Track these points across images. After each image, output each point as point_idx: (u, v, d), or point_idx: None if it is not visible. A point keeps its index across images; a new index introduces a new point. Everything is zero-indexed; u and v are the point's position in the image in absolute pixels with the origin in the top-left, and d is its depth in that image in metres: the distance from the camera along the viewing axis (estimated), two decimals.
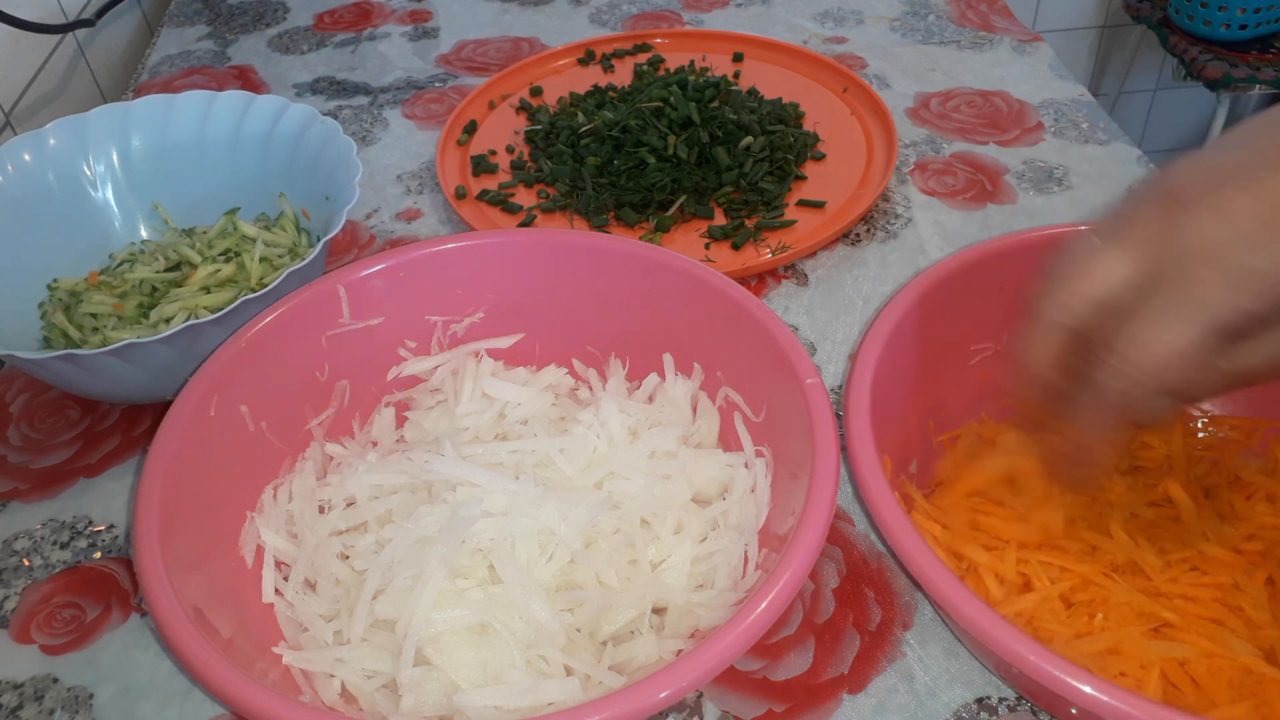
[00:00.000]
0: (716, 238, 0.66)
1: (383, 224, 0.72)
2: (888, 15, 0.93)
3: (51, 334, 0.58)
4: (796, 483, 0.43)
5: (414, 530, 0.44)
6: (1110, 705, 0.33)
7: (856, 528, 0.51)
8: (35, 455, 0.57)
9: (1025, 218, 0.68)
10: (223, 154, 0.65)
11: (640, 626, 0.44)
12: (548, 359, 0.56)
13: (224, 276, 0.60)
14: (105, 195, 0.64)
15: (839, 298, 0.63)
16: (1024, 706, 0.43)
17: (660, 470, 0.48)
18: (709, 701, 0.44)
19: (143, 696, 0.45)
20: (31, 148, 0.61)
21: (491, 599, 0.43)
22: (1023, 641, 0.35)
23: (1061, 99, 0.80)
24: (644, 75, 0.82)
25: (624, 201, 0.68)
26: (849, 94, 0.79)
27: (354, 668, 0.42)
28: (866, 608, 0.47)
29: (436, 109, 0.84)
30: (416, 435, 0.52)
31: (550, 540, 0.44)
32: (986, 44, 0.88)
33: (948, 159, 0.74)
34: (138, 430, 0.58)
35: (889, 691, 0.44)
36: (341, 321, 0.52)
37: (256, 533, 0.46)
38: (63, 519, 0.53)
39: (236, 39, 0.95)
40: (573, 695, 0.40)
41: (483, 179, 0.74)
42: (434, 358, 0.54)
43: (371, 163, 0.78)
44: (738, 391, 0.50)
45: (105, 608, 0.49)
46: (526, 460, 0.48)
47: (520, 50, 0.91)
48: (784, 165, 0.71)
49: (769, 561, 0.43)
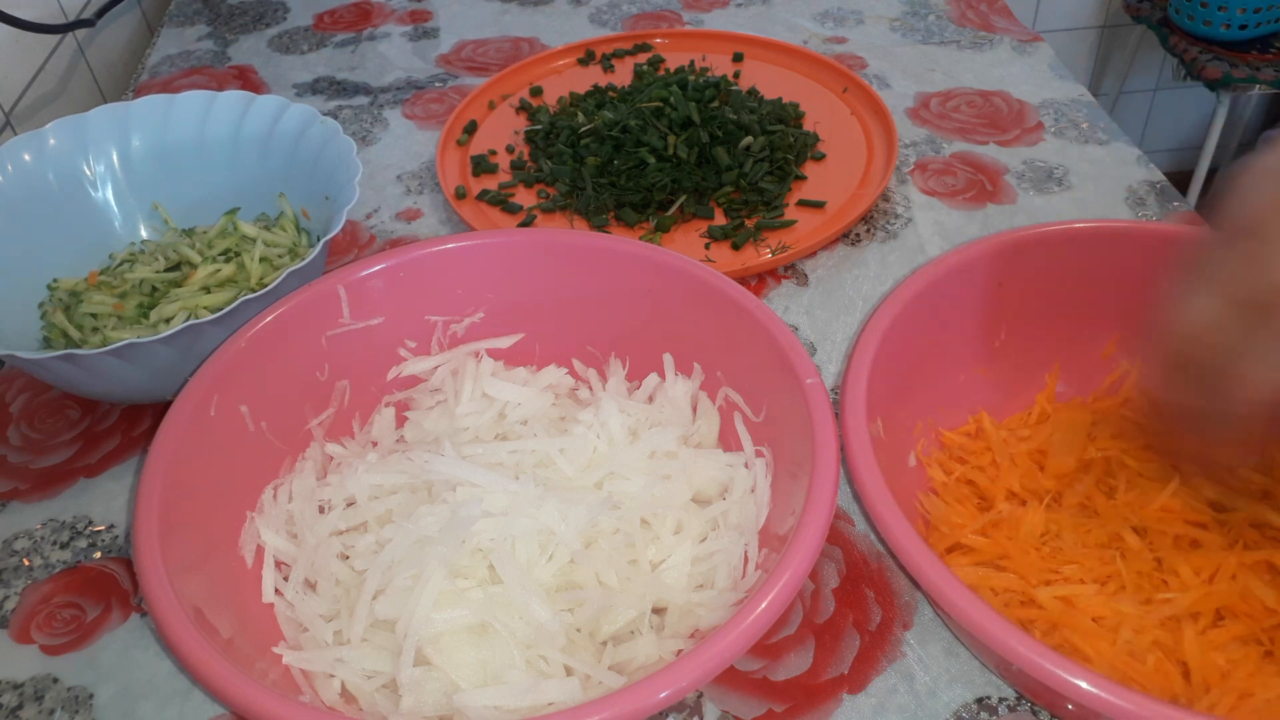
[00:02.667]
0: (716, 238, 0.66)
1: (383, 224, 0.72)
2: (888, 15, 0.93)
3: (51, 334, 0.58)
4: (796, 483, 0.43)
5: (414, 530, 0.44)
6: (1107, 701, 0.33)
7: (856, 528, 0.51)
8: (35, 455, 0.57)
9: (1025, 218, 0.68)
10: (223, 154, 0.65)
11: (640, 626, 0.44)
12: (548, 359, 0.56)
13: (224, 276, 0.60)
14: (105, 195, 0.64)
15: (839, 298, 0.63)
16: (1024, 706, 0.43)
17: (660, 470, 0.48)
18: (709, 701, 0.44)
19: (143, 696, 0.45)
20: (31, 148, 0.61)
21: (491, 599, 0.43)
22: (1022, 639, 0.35)
23: (1061, 99, 0.80)
24: (644, 75, 0.82)
25: (624, 201, 0.68)
26: (849, 94, 0.79)
27: (354, 668, 0.42)
28: (866, 608, 0.47)
29: (436, 109, 0.84)
30: (416, 435, 0.52)
31: (550, 540, 0.44)
32: (986, 44, 0.88)
33: (948, 159, 0.74)
34: (138, 430, 0.58)
35: (889, 691, 0.44)
36: (341, 321, 0.52)
37: (256, 533, 0.46)
38: (63, 519, 0.53)
39: (236, 39, 0.95)
40: (573, 695, 0.40)
41: (483, 179, 0.74)
42: (434, 358, 0.54)
43: (371, 163, 0.78)
44: (738, 391, 0.50)
45: (105, 608, 0.49)
46: (526, 460, 0.48)
47: (520, 50, 0.91)
48: (784, 165, 0.71)
49: (769, 561, 0.43)
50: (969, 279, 0.50)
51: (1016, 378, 0.53)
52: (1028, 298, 0.52)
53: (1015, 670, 0.39)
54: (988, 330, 0.52)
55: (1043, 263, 0.52)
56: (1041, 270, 0.52)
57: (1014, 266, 0.51)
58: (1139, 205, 0.69)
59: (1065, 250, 0.52)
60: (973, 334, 0.52)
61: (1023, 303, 0.52)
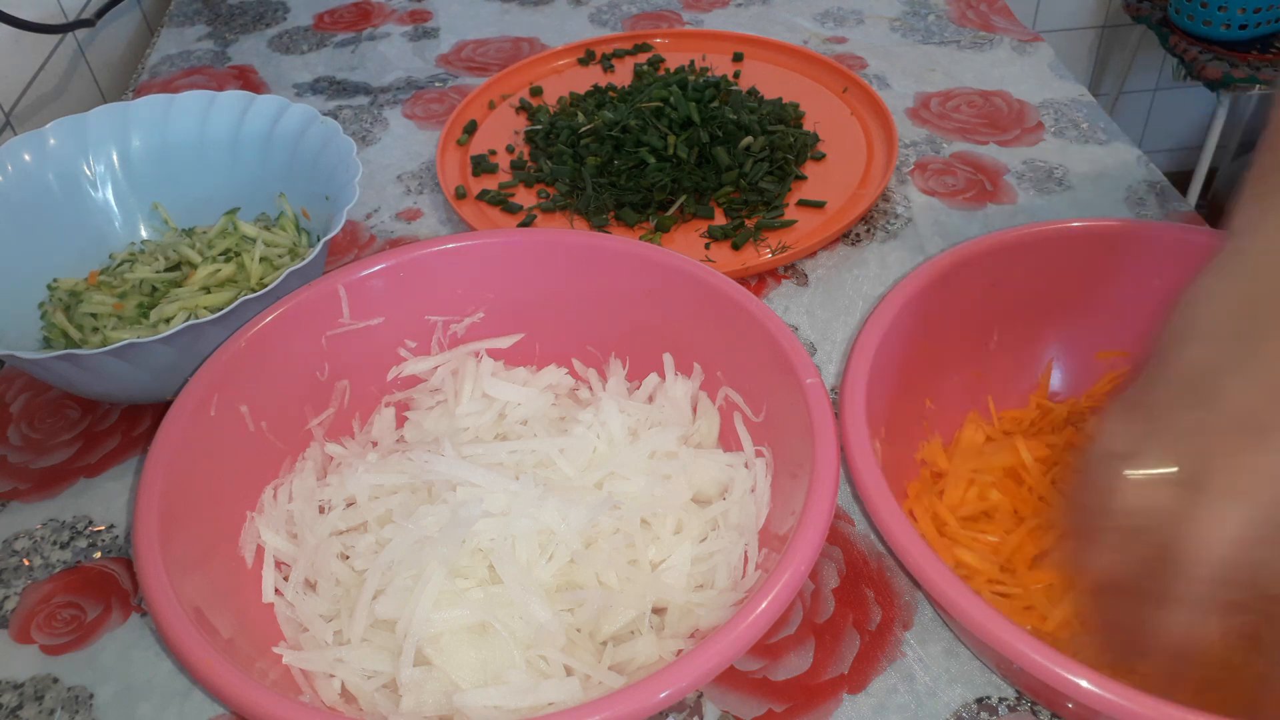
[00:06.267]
0: (716, 238, 0.66)
1: (383, 224, 0.72)
2: (888, 15, 0.93)
3: (51, 334, 0.58)
4: (796, 483, 0.43)
5: (414, 530, 0.44)
6: (1108, 700, 0.33)
7: (856, 528, 0.51)
8: (35, 455, 0.57)
9: (1025, 218, 0.68)
10: (223, 154, 0.65)
11: (640, 626, 0.44)
12: (548, 359, 0.56)
13: (224, 276, 0.60)
14: (105, 195, 0.64)
15: (839, 298, 0.63)
16: (1024, 706, 0.43)
17: (660, 470, 0.48)
18: (709, 701, 0.44)
19: (143, 696, 0.45)
20: (31, 148, 0.61)
21: (491, 599, 0.43)
22: (1022, 638, 0.35)
23: (1061, 99, 0.80)
24: (644, 75, 0.82)
25: (624, 201, 0.68)
26: (849, 94, 0.79)
27: (354, 668, 0.42)
28: (866, 608, 0.47)
29: (436, 109, 0.84)
30: (416, 435, 0.52)
31: (550, 540, 0.44)
32: (986, 44, 0.88)
33: (948, 159, 0.74)
34: (138, 430, 0.58)
35: (889, 691, 0.44)
36: (341, 321, 0.52)
37: (256, 533, 0.46)
38: (63, 519, 0.53)
39: (236, 39, 0.95)
40: (573, 695, 0.40)
41: (483, 179, 0.74)
42: (434, 358, 0.54)
43: (371, 163, 0.78)
44: (738, 391, 0.50)
45: (105, 608, 0.49)
46: (526, 460, 0.48)
47: (520, 50, 0.91)
48: (784, 165, 0.71)
49: (769, 561, 0.43)
50: (967, 278, 0.51)
51: (1013, 377, 0.53)
52: (1027, 297, 0.52)
53: (1015, 669, 0.39)
54: (985, 329, 0.52)
55: (1045, 262, 0.52)
56: (1040, 270, 0.52)
57: (1014, 266, 0.51)
58: (1139, 205, 0.69)
59: (1063, 249, 0.52)
60: (971, 333, 0.52)
61: (1022, 302, 0.52)
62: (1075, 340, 0.54)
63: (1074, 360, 0.54)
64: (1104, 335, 0.53)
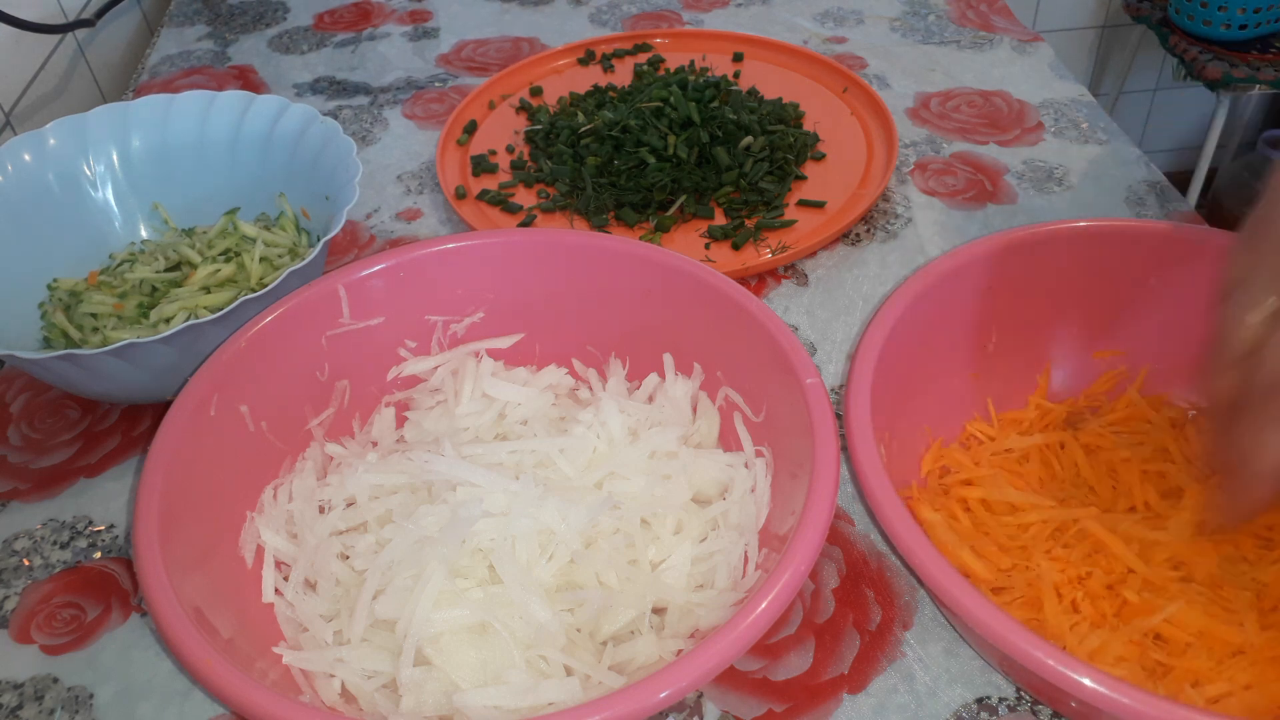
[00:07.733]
0: (716, 238, 0.66)
1: (383, 224, 0.72)
2: (888, 15, 0.93)
3: (51, 334, 0.58)
4: (796, 483, 0.43)
5: (414, 530, 0.44)
6: (1111, 699, 0.33)
7: (856, 528, 0.51)
8: (35, 455, 0.57)
9: (1025, 218, 0.68)
10: (223, 154, 0.65)
11: (640, 626, 0.44)
12: (548, 359, 0.56)
13: (224, 276, 0.60)
14: (105, 195, 0.64)
15: (839, 298, 0.63)
16: (1024, 706, 0.43)
17: (660, 470, 0.48)
18: (709, 701, 0.44)
19: (143, 696, 0.45)
20: (31, 148, 0.61)
21: (491, 599, 0.43)
22: (1024, 636, 0.35)
23: (1061, 99, 0.80)
24: (644, 75, 0.82)
25: (624, 201, 0.68)
26: (849, 94, 0.79)
27: (354, 668, 0.42)
28: (866, 608, 0.47)
29: (436, 109, 0.84)
30: (416, 435, 0.52)
31: (550, 540, 0.44)
32: (986, 44, 0.88)
33: (948, 159, 0.74)
34: (138, 430, 0.58)
35: (889, 691, 0.44)
36: (341, 321, 0.52)
37: (256, 533, 0.46)
38: (63, 519, 0.53)
39: (236, 39, 0.95)
40: (573, 695, 0.40)
41: (483, 179, 0.74)
42: (434, 358, 0.54)
43: (371, 163, 0.78)
44: (738, 391, 0.50)
45: (105, 608, 0.49)
46: (526, 460, 0.48)
47: (520, 50, 0.91)
48: (784, 165, 0.71)
49: (769, 561, 0.43)
50: (969, 279, 0.51)
51: (1011, 377, 0.53)
52: (1025, 298, 0.52)
53: (1018, 667, 0.39)
54: (984, 330, 0.52)
55: (1044, 262, 0.52)
56: (1039, 270, 0.52)
57: (1017, 266, 0.51)
58: (1139, 205, 0.69)
59: (1063, 249, 0.52)
60: (971, 334, 0.52)
61: (1020, 303, 0.52)
62: (1075, 340, 0.53)
63: (1072, 360, 0.54)
64: (1103, 335, 0.53)
